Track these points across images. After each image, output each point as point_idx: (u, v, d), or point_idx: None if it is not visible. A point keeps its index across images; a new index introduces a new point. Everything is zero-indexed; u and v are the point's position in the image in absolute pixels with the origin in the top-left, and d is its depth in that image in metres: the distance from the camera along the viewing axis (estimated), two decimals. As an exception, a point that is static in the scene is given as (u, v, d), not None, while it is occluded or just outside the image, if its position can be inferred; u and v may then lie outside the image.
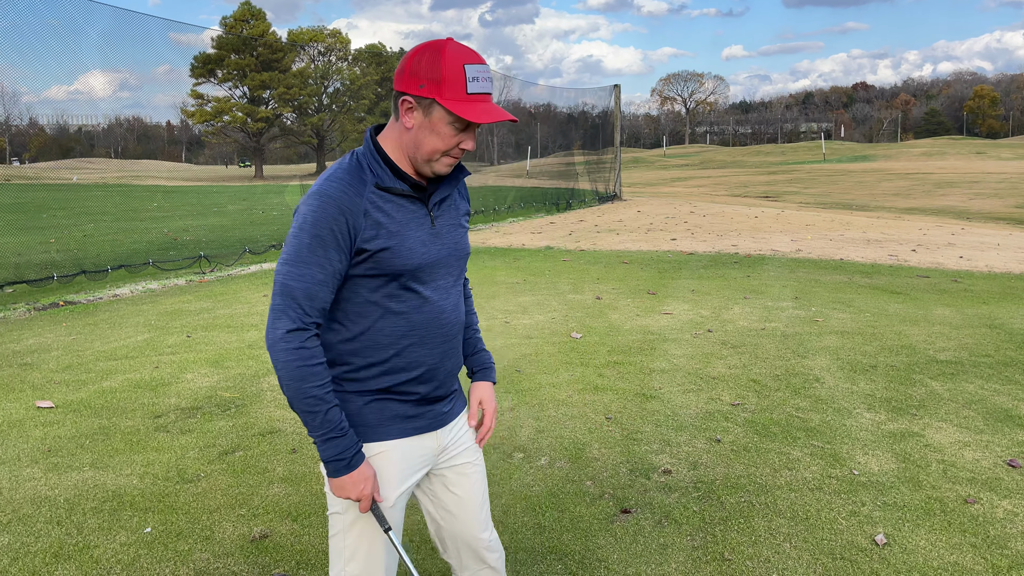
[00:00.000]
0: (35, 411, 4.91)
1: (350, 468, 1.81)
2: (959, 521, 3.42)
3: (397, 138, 1.84)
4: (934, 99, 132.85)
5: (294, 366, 1.73)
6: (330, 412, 1.77)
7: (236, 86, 63.60)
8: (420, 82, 1.75)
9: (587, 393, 5.18)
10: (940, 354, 5.97)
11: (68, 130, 49.82)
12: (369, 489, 1.85)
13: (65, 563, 3.13)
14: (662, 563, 3.12)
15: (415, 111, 1.78)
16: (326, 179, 1.79)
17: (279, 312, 1.75)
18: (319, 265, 1.75)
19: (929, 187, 33.35)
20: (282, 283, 1.76)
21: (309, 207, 1.76)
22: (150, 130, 75.16)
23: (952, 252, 12.04)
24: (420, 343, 1.88)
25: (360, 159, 1.84)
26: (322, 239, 1.74)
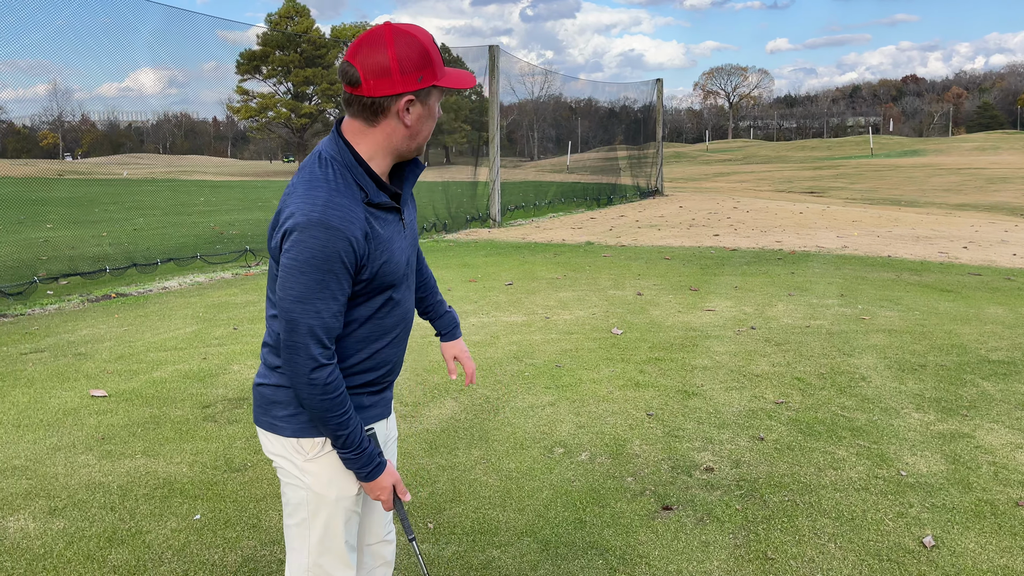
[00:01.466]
0: (89, 400, 5.06)
1: (370, 479, 1.88)
2: (1010, 524, 3.35)
3: (383, 141, 1.78)
4: (987, 92, 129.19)
5: (317, 400, 1.75)
6: (351, 436, 1.81)
7: (280, 82, 64.55)
8: (418, 75, 1.71)
9: (628, 389, 5.17)
10: (992, 354, 5.82)
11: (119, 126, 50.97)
12: (388, 495, 1.92)
13: (119, 547, 3.23)
14: (704, 561, 3.11)
15: (415, 105, 1.75)
16: (325, 205, 1.68)
17: (299, 350, 1.71)
18: (333, 298, 1.72)
19: (981, 183, 32.47)
20: (299, 321, 1.70)
21: (316, 240, 1.67)
22: (197, 126, 76.57)
23: (1005, 249, 11.72)
24: (389, 345, 1.92)
25: (341, 171, 1.76)
26: (334, 273, 1.70)
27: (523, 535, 3.32)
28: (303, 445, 1.87)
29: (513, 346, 6.26)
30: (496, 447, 4.25)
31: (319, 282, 1.69)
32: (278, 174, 57.74)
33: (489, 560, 3.13)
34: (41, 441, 4.36)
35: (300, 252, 1.67)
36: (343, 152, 1.77)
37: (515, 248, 12.55)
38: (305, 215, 1.67)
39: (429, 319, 2.34)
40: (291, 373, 1.74)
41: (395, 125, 1.76)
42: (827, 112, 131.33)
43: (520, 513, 3.51)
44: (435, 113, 1.80)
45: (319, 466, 1.88)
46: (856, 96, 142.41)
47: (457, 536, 3.31)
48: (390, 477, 1.92)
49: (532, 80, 31.85)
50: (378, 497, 1.91)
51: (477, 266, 10.54)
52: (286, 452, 1.90)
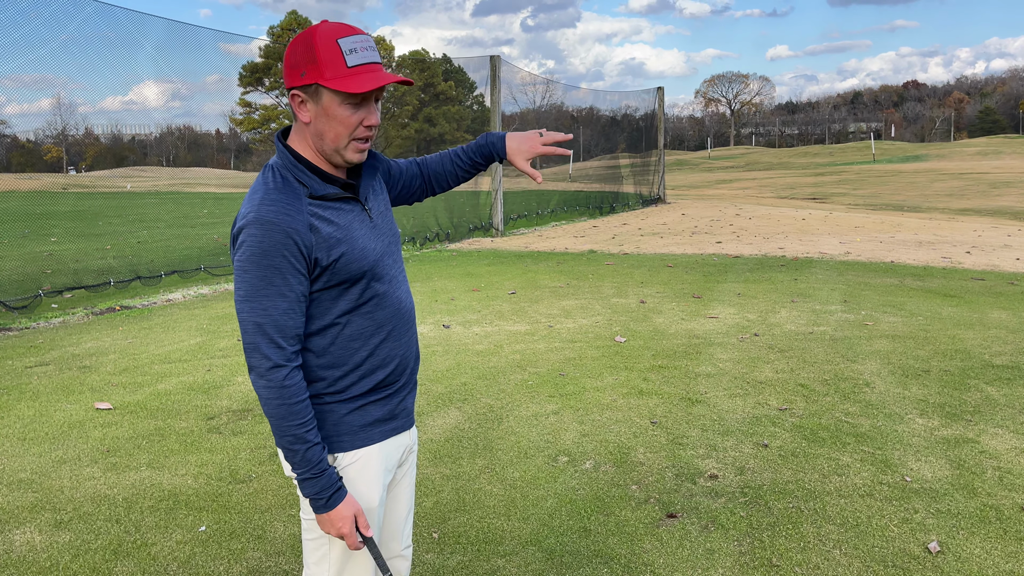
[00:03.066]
0: (94, 412, 5.07)
1: (328, 507, 1.78)
2: (1015, 529, 3.34)
3: (303, 138, 1.80)
4: (989, 97, 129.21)
5: (274, 404, 1.71)
6: (309, 452, 1.73)
7: (283, 94, 64.79)
8: (300, 71, 1.71)
9: (632, 397, 5.17)
10: (996, 359, 5.82)
11: (122, 139, 51.03)
12: (348, 527, 1.80)
13: (124, 560, 3.24)
14: (709, 568, 3.11)
15: (306, 103, 1.74)
16: (260, 203, 1.70)
17: (252, 350, 1.71)
18: (280, 295, 1.69)
19: (984, 187, 32.45)
20: (247, 320, 1.70)
21: (253, 237, 1.67)
22: (200, 138, 76.77)
23: (1008, 254, 11.71)
24: (388, 337, 1.89)
25: (282, 172, 1.77)
26: (276, 268, 1.68)
27: (528, 544, 3.32)
28: None
29: (517, 355, 6.27)
30: (500, 456, 4.25)
31: (262, 279, 1.68)
32: (281, 185, 57.75)
33: (494, 569, 3.13)
34: (46, 454, 4.38)
35: (243, 252, 1.69)
36: (283, 155, 1.80)
37: (518, 257, 12.57)
38: (243, 218, 1.71)
39: (482, 159, 2.16)
40: (252, 377, 1.73)
41: (301, 123, 1.79)
42: (829, 118, 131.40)
43: (525, 522, 3.51)
44: (336, 115, 1.73)
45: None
46: (857, 102, 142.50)
47: (462, 546, 3.31)
48: (350, 508, 1.79)
49: (534, 89, 31.93)
50: (339, 532, 1.79)
51: (480, 275, 10.56)
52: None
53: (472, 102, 77.78)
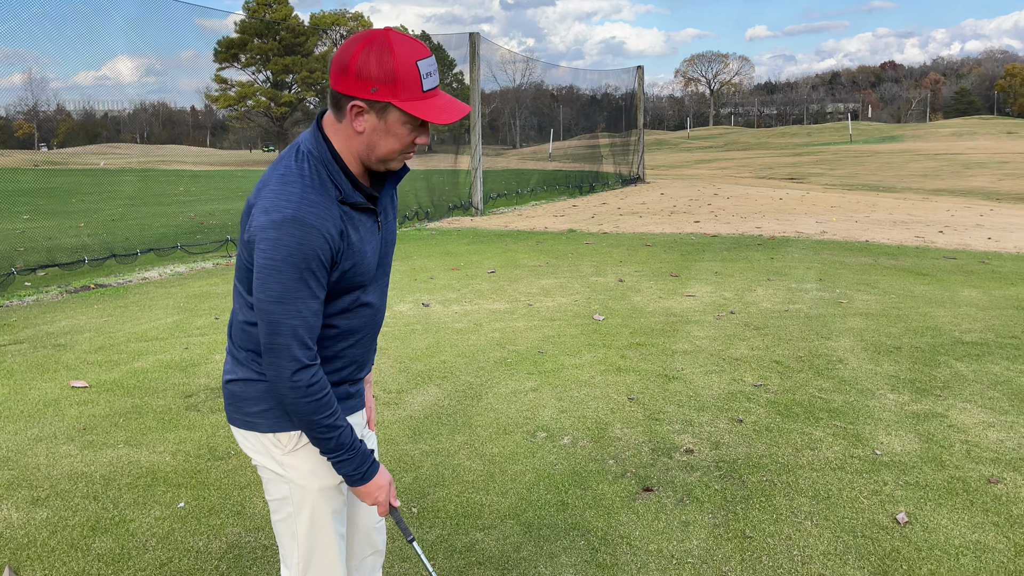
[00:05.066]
0: (70, 391, 5.04)
1: (364, 481, 1.83)
2: (982, 501, 3.43)
3: (346, 141, 1.74)
4: (964, 78, 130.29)
5: (304, 403, 1.71)
6: (342, 436, 1.77)
7: (259, 70, 63.94)
8: (372, 85, 1.65)
9: (609, 374, 5.22)
10: (966, 335, 5.93)
11: (95, 116, 50.15)
12: (383, 496, 1.88)
13: (102, 536, 3.24)
14: (684, 540, 3.16)
15: (366, 114, 1.69)
16: (300, 202, 1.65)
17: (281, 352, 1.68)
18: (313, 296, 1.69)
19: (958, 168, 32.82)
20: (280, 323, 1.67)
21: (292, 238, 1.63)
22: (175, 115, 75.57)
23: (980, 233, 11.88)
24: (357, 344, 1.90)
25: (319, 168, 1.72)
26: (311, 271, 1.67)
27: (506, 518, 3.36)
28: (280, 439, 1.85)
29: (496, 333, 6.30)
30: (479, 432, 4.28)
31: (298, 280, 1.65)
32: (258, 163, 57.26)
33: (473, 543, 3.17)
34: (22, 432, 4.35)
35: (277, 251, 1.63)
36: (321, 147, 1.74)
37: (497, 236, 12.56)
38: (280, 212, 1.64)
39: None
40: (273, 376, 1.71)
41: (349, 128, 1.72)
42: (807, 99, 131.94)
43: (503, 496, 3.55)
44: (396, 133, 1.71)
45: (298, 459, 1.86)
46: (835, 83, 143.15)
47: (441, 520, 3.35)
48: (384, 478, 1.88)
49: (513, 68, 31.76)
50: (374, 501, 1.87)
51: (460, 254, 10.55)
52: (264, 448, 1.87)
53: (451, 80, 77.16)
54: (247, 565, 3.03)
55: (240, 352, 1.86)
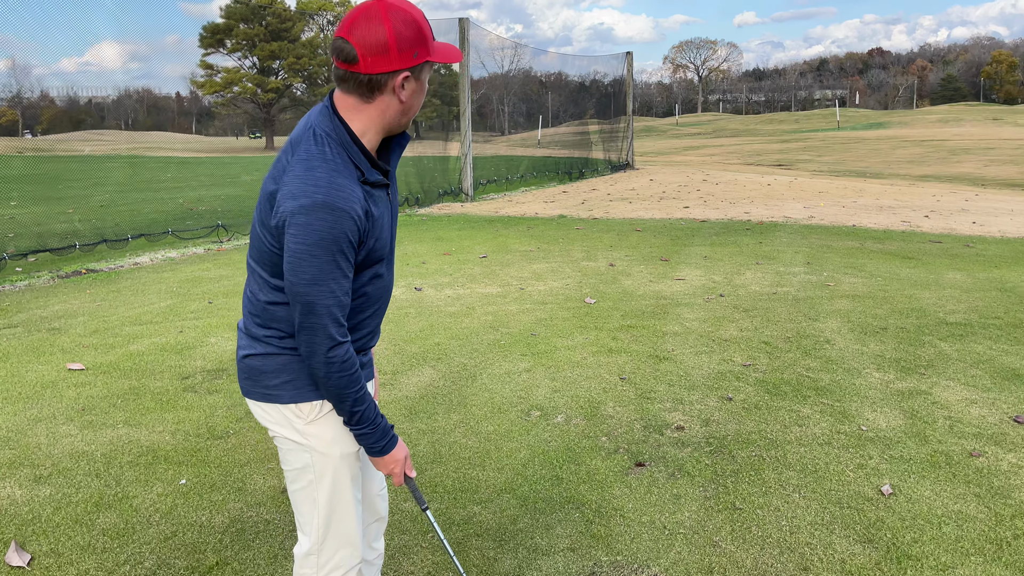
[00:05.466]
0: (67, 373, 5.07)
1: (384, 452, 1.93)
2: (964, 473, 3.53)
3: (377, 117, 1.80)
4: (951, 65, 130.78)
5: (337, 377, 1.79)
6: (368, 410, 1.86)
7: (245, 56, 63.41)
8: (413, 51, 1.73)
9: (601, 355, 5.30)
10: (950, 316, 6.04)
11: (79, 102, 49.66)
12: (400, 468, 1.98)
13: (106, 511, 3.30)
14: (675, 512, 3.25)
15: (410, 81, 1.77)
16: (328, 186, 1.70)
17: (318, 331, 1.75)
18: (344, 276, 1.75)
19: (944, 154, 33.04)
20: (316, 303, 1.73)
21: (324, 222, 1.68)
22: (160, 101, 74.93)
23: (965, 218, 12.03)
24: (374, 314, 1.98)
25: (340, 150, 1.77)
26: (343, 252, 1.73)
27: (502, 492, 3.44)
28: (302, 409, 1.91)
29: (489, 316, 6.36)
30: (474, 411, 4.36)
31: (330, 263, 1.71)
32: (245, 150, 56.96)
33: (470, 515, 3.25)
34: (21, 413, 4.39)
35: (309, 235, 1.68)
36: (339, 129, 1.78)
37: (488, 222, 12.61)
38: (309, 197, 1.68)
39: None
40: (308, 353, 1.77)
41: (390, 101, 1.78)
42: (795, 85, 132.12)
43: (499, 472, 3.63)
44: (424, 86, 1.82)
45: (320, 427, 1.92)
46: (823, 69, 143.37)
47: (439, 494, 3.42)
48: (402, 451, 1.97)
49: (502, 54, 31.69)
50: (391, 471, 1.96)
51: (451, 239, 10.60)
52: (284, 419, 1.93)
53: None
54: (250, 539, 3.09)
55: (258, 329, 1.90)
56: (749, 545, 3.00)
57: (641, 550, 2.98)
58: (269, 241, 1.79)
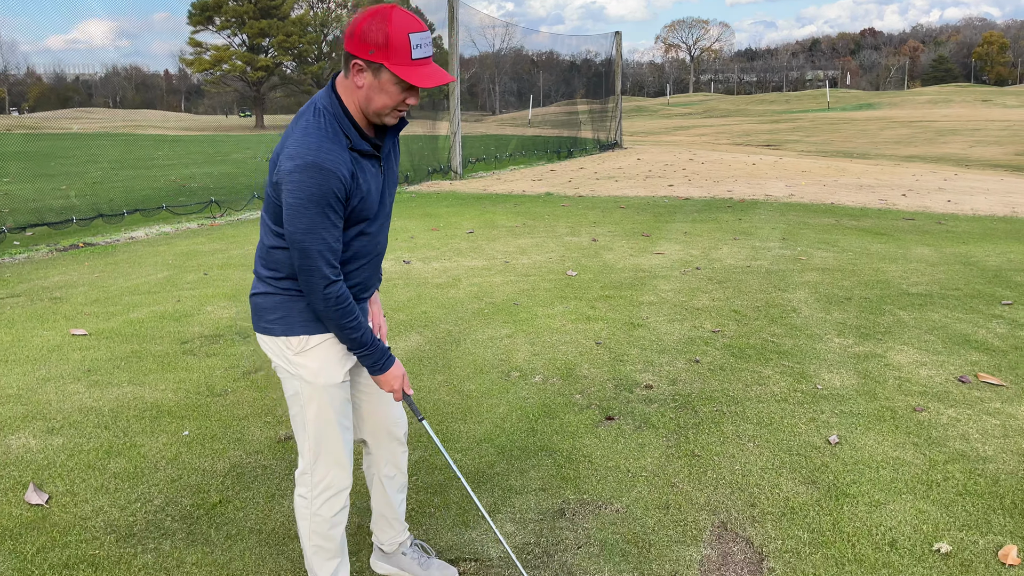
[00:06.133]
0: (70, 338, 5.33)
1: (383, 371, 2.26)
2: (906, 426, 3.85)
3: (351, 95, 2.07)
4: (943, 45, 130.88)
5: (333, 311, 2.11)
6: (363, 336, 2.18)
7: (235, 34, 62.99)
8: (370, 48, 1.97)
9: (579, 322, 5.59)
10: (912, 288, 6.36)
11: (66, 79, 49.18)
12: (398, 384, 2.30)
13: (117, 458, 3.58)
14: (639, 458, 3.55)
15: (365, 72, 2.02)
16: (318, 150, 1.99)
17: (313, 272, 2.05)
18: (333, 225, 2.05)
19: (931, 135, 33.37)
20: (309, 249, 2.02)
21: (313, 180, 1.97)
22: (148, 79, 74.56)
23: (941, 196, 12.35)
24: (360, 268, 2.28)
25: (332, 122, 2.06)
26: (330, 206, 2.02)
27: (482, 442, 3.73)
28: (291, 342, 2.23)
29: (474, 287, 6.64)
30: (458, 372, 4.65)
31: (321, 214, 2.01)
32: (236, 128, 56.77)
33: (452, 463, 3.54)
34: (30, 373, 4.65)
35: (302, 190, 1.98)
36: (334, 104, 2.08)
37: (476, 199, 12.85)
38: (302, 158, 1.98)
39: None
40: (307, 290, 2.09)
41: (352, 83, 2.06)
42: (787, 66, 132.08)
43: (479, 425, 3.92)
44: (388, 91, 2.03)
45: (306, 359, 2.24)
46: (815, 50, 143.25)
47: (423, 444, 3.71)
48: (399, 369, 2.29)
49: (492, 33, 31.74)
50: (391, 387, 2.28)
51: (439, 216, 10.85)
52: (278, 349, 2.26)
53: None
54: (249, 481, 3.38)
55: (264, 271, 2.24)
56: (704, 486, 3.31)
57: (606, 490, 3.28)
58: (273, 196, 2.12)
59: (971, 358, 4.75)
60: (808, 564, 2.76)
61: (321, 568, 2.41)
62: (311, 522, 2.36)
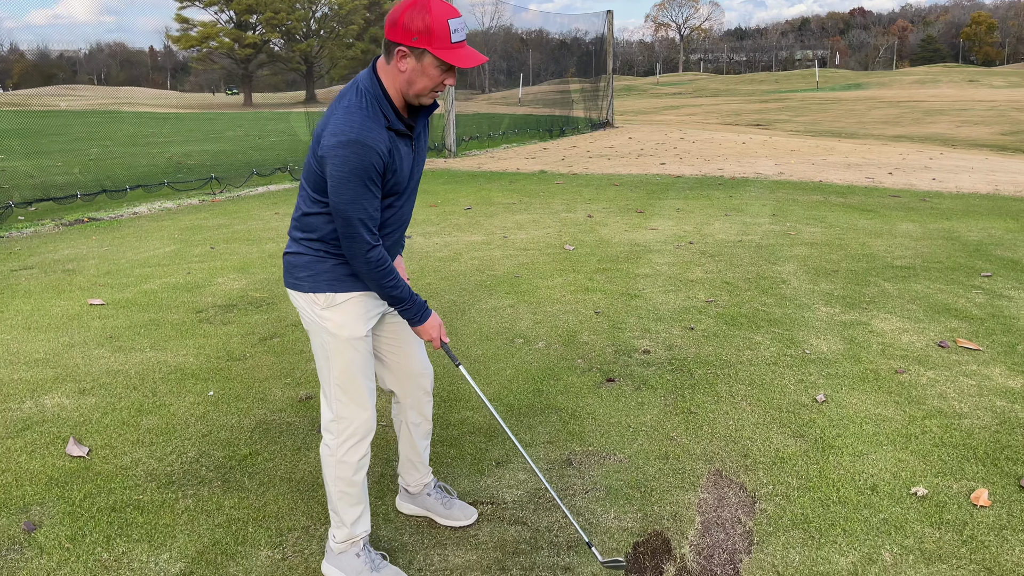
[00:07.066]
0: (88, 308, 5.53)
1: (421, 322, 2.49)
2: (888, 386, 4.11)
3: (392, 79, 2.27)
4: (931, 26, 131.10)
5: (375, 273, 2.33)
6: (402, 292, 2.40)
7: (222, 10, 62.41)
8: (413, 35, 2.17)
9: (578, 293, 5.82)
10: (897, 260, 6.62)
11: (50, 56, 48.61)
12: (436, 333, 2.53)
13: (148, 416, 3.80)
14: (639, 415, 3.81)
15: (408, 58, 2.22)
16: (360, 127, 2.19)
17: (356, 238, 2.26)
18: (374, 196, 2.27)
19: (918, 115, 33.66)
20: (352, 218, 2.24)
21: (355, 154, 2.18)
22: (133, 56, 73.78)
23: (926, 175, 12.62)
24: (389, 235, 2.51)
25: (373, 102, 2.25)
26: (371, 179, 2.23)
27: (492, 400, 3.97)
28: (317, 299, 2.45)
29: (475, 261, 6.86)
30: (464, 339, 4.88)
31: (363, 186, 2.23)
32: (223, 106, 56.39)
33: (464, 419, 3.79)
34: (54, 340, 4.85)
35: (345, 164, 2.20)
36: (375, 86, 2.29)
37: (471, 176, 13.03)
38: (346, 135, 2.19)
39: None
40: (350, 255, 2.31)
41: (394, 68, 2.26)
42: (776, 45, 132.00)
43: (487, 386, 4.16)
44: (429, 74, 2.24)
45: (332, 313, 2.46)
46: (805, 29, 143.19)
47: (436, 402, 3.94)
48: (436, 320, 2.53)
49: (482, 11, 31.74)
50: (430, 337, 2.52)
51: (437, 192, 11.03)
52: (307, 304, 2.48)
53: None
54: (275, 436, 3.61)
55: (297, 234, 2.46)
56: (700, 439, 3.56)
57: (609, 443, 3.53)
58: (315, 167, 2.33)
59: (951, 325, 5.02)
60: (797, 506, 3.02)
61: (346, 513, 2.63)
62: (336, 469, 2.58)
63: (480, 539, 2.84)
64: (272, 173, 12.98)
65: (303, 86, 66.95)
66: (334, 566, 2.61)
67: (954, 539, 2.80)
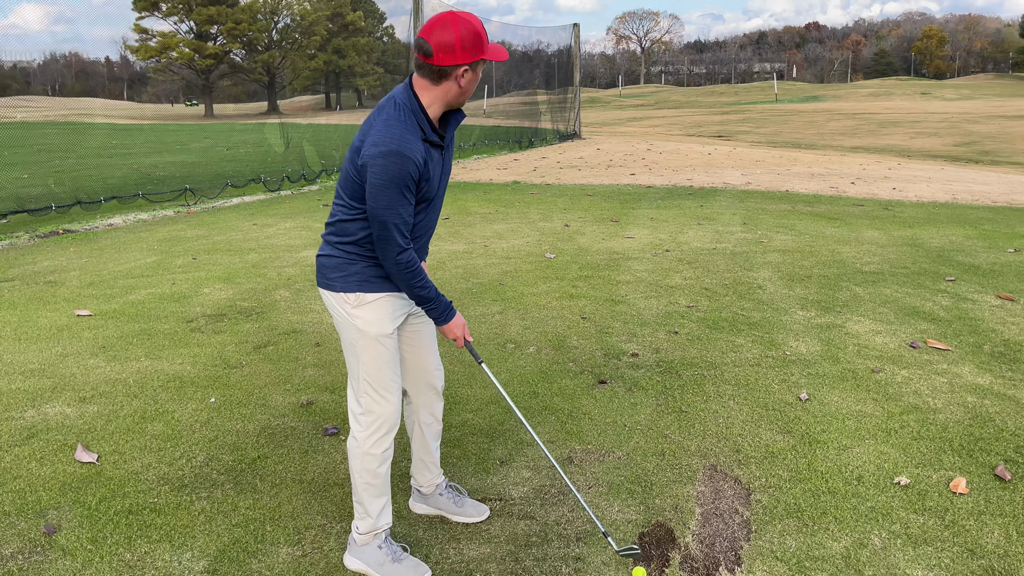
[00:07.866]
0: (76, 318, 5.52)
1: (446, 321, 2.62)
2: (866, 384, 4.32)
3: (441, 96, 2.45)
4: (884, 40, 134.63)
5: (405, 274, 2.46)
6: (430, 293, 2.53)
7: (182, 20, 61.76)
8: (472, 52, 2.38)
9: (564, 300, 5.97)
10: (866, 267, 6.89)
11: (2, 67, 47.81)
12: (460, 332, 2.67)
13: (152, 422, 3.85)
14: (633, 415, 3.95)
15: (469, 73, 2.42)
16: (400, 139, 2.35)
17: (390, 241, 2.40)
18: (408, 203, 2.41)
19: (874, 127, 34.58)
20: (388, 222, 2.38)
21: (395, 164, 2.33)
22: (88, 66, 72.57)
23: (887, 184, 13.05)
24: (418, 238, 2.65)
25: (411, 115, 2.41)
26: (407, 186, 2.37)
27: (489, 403, 4.09)
28: (348, 298, 2.58)
29: (459, 269, 6.98)
30: (456, 345, 4.98)
31: (399, 194, 2.37)
32: (183, 118, 55.71)
33: (465, 420, 3.90)
34: (47, 350, 4.86)
35: (384, 173, 2.35)
36: (412, 101, 2.45)
37: (447, 187, 13.13)
38: (387, 146, 2.34)
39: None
40: (383, 256, 2.45)
41: (452, 85, 2.44)
42: (735, 58, 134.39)
43: (484, 389, 4.28)
44: (479, 76, 2.48)
45: (361, 311, 2.58)
46: (762, 42, 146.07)
47: (436, 406, 4.05)
48: (460, 319, 2.67)
49: (448, 22, 31.76)
50: (454, 336, 2.65)
51: (412, 203, 11.11)
52: (338, 303, 2.60)
53: (382, 34, 74.49)
54: (281, 440, 3.69)
55: (331, 237, 2.59)
56: (693, 436, 3.72)
57: (607, 441, 3.67)
58: (353, 175, 2.46)
59: (920, 327, 5.26)
60: (789, 496, 3.19)
61: (371, 504, 2.74)
62: (362, 461, 2.69)
63: (492, 533, 2.96)
64: (247, 184, 12.97)
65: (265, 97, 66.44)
66: (357, 558, 2.71)
67: (937, 524, 2.98)
